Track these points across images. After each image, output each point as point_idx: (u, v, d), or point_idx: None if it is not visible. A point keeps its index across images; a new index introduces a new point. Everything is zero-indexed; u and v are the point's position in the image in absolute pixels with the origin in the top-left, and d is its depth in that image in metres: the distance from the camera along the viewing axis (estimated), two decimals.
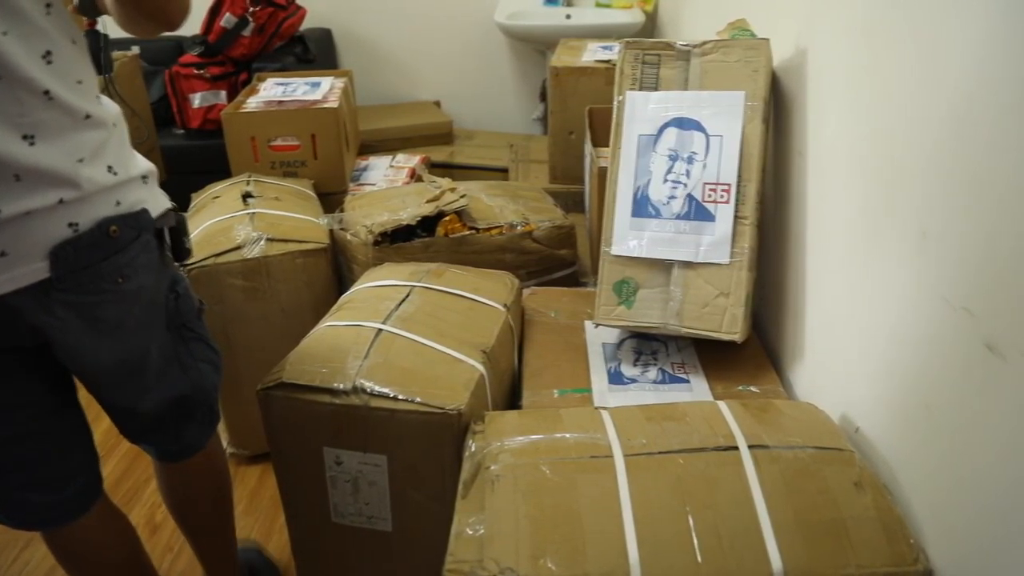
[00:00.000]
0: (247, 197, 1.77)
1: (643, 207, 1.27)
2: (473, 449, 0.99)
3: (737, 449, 0.94)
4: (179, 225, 1.02)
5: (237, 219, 1.65)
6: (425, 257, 1.65)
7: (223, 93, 2.66)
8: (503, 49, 3.09)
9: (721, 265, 1.22)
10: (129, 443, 1.14)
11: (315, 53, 2.81)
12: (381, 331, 1.18)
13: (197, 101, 2.65)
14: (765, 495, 0.88)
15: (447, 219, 1.68)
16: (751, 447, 0.94)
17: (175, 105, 2.69)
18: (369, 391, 1.06)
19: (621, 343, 1.34)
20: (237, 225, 1.63)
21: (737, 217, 1.22)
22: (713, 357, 1.28)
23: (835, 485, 0.89)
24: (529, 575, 0.81)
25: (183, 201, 1.29)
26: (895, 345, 0.92)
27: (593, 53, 2.28)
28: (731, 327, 1.21)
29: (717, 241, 1.22)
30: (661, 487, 0.89)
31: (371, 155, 2.54)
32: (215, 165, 2.20)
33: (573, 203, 2.14)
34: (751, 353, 1.29)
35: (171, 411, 1.08)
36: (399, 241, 1.66)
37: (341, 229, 1.73)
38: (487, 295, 1.34)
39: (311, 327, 1.26)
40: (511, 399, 1.29)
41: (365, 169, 2.42)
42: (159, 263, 0.99)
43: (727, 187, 1.23)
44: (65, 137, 0.84)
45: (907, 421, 0.90)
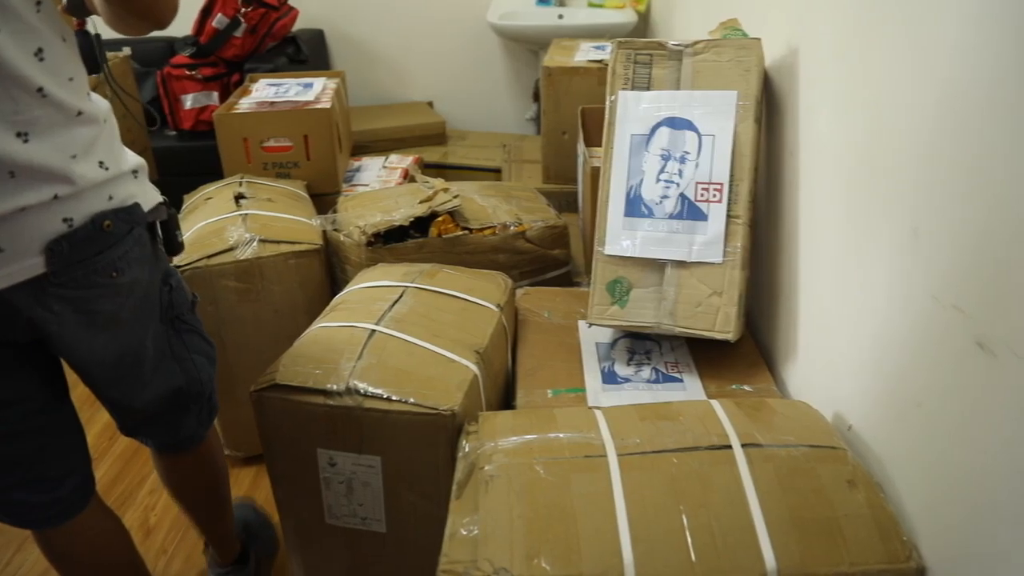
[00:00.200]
0: (240, 198, 1.77)
1: (636, 207, 1.27)
2: (467, 449, 0.99)
3: (731, 448, 0.94)
4: (170, 219, 1.04)
5: (230, 220, 1.65)
6: (418, 258, 1.65)
7: (215, 94, 2.65)
8: (496, 49, 3.09)
9: (714, 264, 1.22)
10: (122, 446, 1.15)
11: (307, 54, 2.80)
12: (374, 332, 1.17)
13: (189, 102, 2.64)
14: (759, 493, 0.88)
15: (440, 220, 1.68)
16: (744, 446, 0.94)
17: (167, 106, 2.68)
18: (363, 392, 1.06)
19: (615, 343, 1.35)
20: (230, 226, 1.62)
21: (730, 216, 1.22)
22: (707, 356, 1.29)
23: (828, 483, 0.89)
24: (523, 575, 0.81)
25: (175, 203, 1.29)
26: (887, 343, 0.92)
27: (586, 53, 2.28)
28: (724, 326, 1.22)
29: (710, 240, 1.23)
30: (655, 486, 0.89)
31: (364, 156, 2.54)
32: (207, 166, 2.20)
33: (566, 203, 2.14)
34: (744, 352, 1.30)
35: (168, 404, 1.10)
36: (392, 242, 1.65)
37: (334, 230, 1.73)
38: (480, 295, 1.34)
39: (304, 328, 1.26)
40: (505, 399, 1.29)
41: (358, 170, 2.41)
42: (152, 256, 1.00)
43: (719, 186, 1.23)
44: (58, 134, 0.84)
45: (899, 419, 0.90)
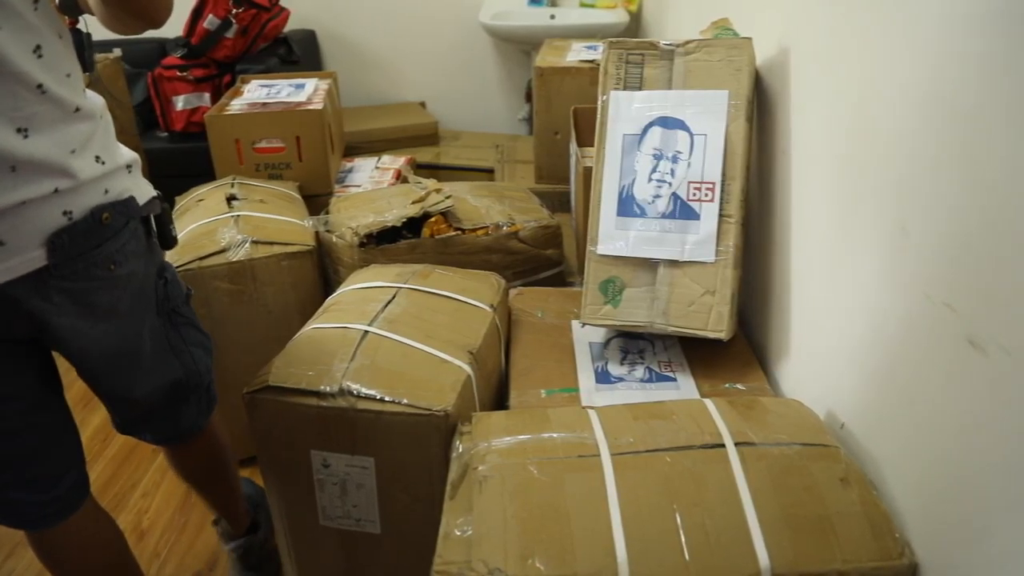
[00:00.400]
0: (232, 200, 1.76)
1: (628, 206, 1.27)
2: (460, 450, 0.99)
3: (724, 447, 0.94)
4: (164, 213, 1.06)
5: (222, 222, 1.65)
6: (411, 258, 1.64)
7: (206, 95, 2.65)
8: (488, 50, 3.09)
9: (706, 263, 1.23)
10: (115, 449, 1.15)
11: (299, 54, 2.80)
12: (367, 333, 1.17)
13: (180, 103, 2.63)
14: (752, 492, 0.88)
15: (433, 220, 1.68)
16: (738, 444, 0.94)
17: (158, 107, 2.67)
18: (356, 393, 1.06)
19: (608, 342, 1.35)
20: (222, 228, 1.62)
21: (722, 215, 1.23)
22: (700, 355, 1.29)
23: (821, 481, 0.90)
24: (518, 575, 0.81)
25: (167, 203, 1.29)
26: (879, 341, 0.93)
27: (577, 53, 2.28)
28: (717, 325, 1.22)
29: (702, 239, 1.23)
30: (649, 485, 0.90)
31: (356, 157, 2.54)
32: (199, 168, 2.19)
33: (559, 203, 2.14)
34: (737, 351, 1.30)
35: (167, 396, 1.11)
36: (385, 243, 1.65)
37: (327, 231, 1.72)
38: (473, 296, 1.34)
39: (297, 330, 1.26)
40: (498, 399, 1.29)
41: (350, 171, 2.41)
42: (147, 250, 1.02)
43: (711, 186, 1.23)
44: (57, 129, 0.86)
45: (892, 417, 0.90)
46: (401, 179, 2.33)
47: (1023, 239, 0.66)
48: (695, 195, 1.24)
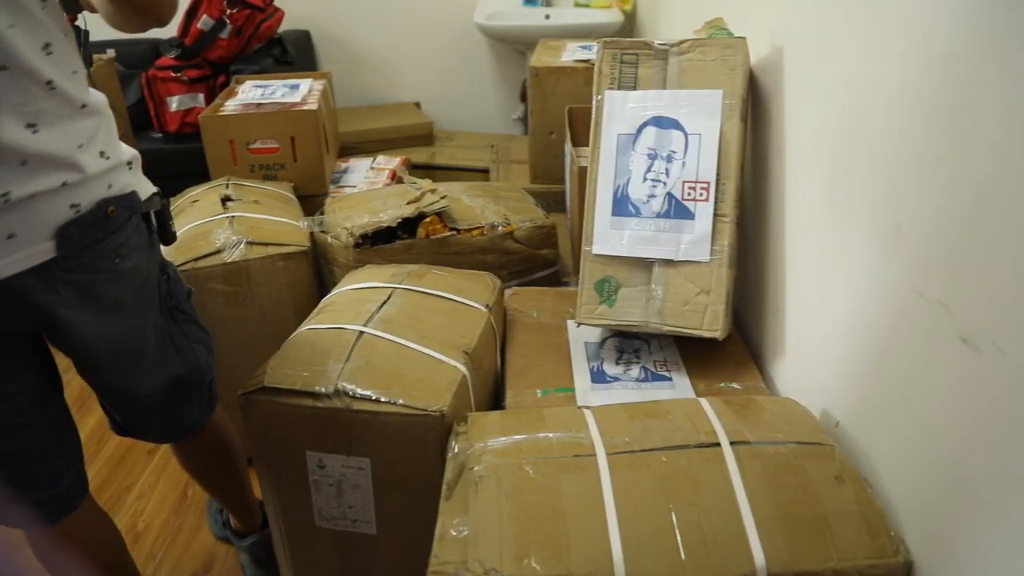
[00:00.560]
0: (226, 201, 1.76)
1: (623, 206, 1.27)
2: (456, 450, 0.99)
3: (719, 446, 0.94)
4: (164, 209, 1.08)
5: (216, 223, 1.64)
6: (406, 259, 1.64)
7: (201, 96, 2.64)
8: (483, 50, 3.09)
9: (701, 263, 1.23)
10: (110, 450, 1.15)
11: (294, 55, 2.79)
12: (363, 333, 1.17)
13: (175, 104, 2.63)
14: (747, 491, 0.88)
15: (428, 220, 1.68)
16: (733, 443, 0.94)
17: (152, 108, 2.66)
18: (351, 394, 1.06)
19: (603, 342, 1.35)
20: (216, 229, 1.61)
21: (716, 215, 1.23)
22: (695, 354, 1.29)
23: (816, 479, 0.90)
24: (514, 575, 0.81)
25: None
26: (873, 339, 0.93)
27: (572, 53, 2.28)
28: (712, 324, 1.22)
29: (697, 239, 1.23)
30: (644, 485, 0.90)
31: (351, 157, 2.53)
32: (193, 169, 2.18)
33: (554, 203, 2.14)
34: (733, 350, 1.30)
35: (169, 393, 1.12)
36: (380, 243, 1.65)
37: (322, 232, 1.72)
38: (469, 296, 1.34)
39: (292, 330, 1.25)
40: (494, 399, 1.29)
41: (345, 171, 2.41)
42: (149, 246, 1.04)
43: (706, 185, 1.23)
44: (65, 124, 0.88)
45: (886, 414, 0.90)
46: (396, 179, 2.33)
47: (1015, 237, 0.66)
48: (690, 194, 1.24)
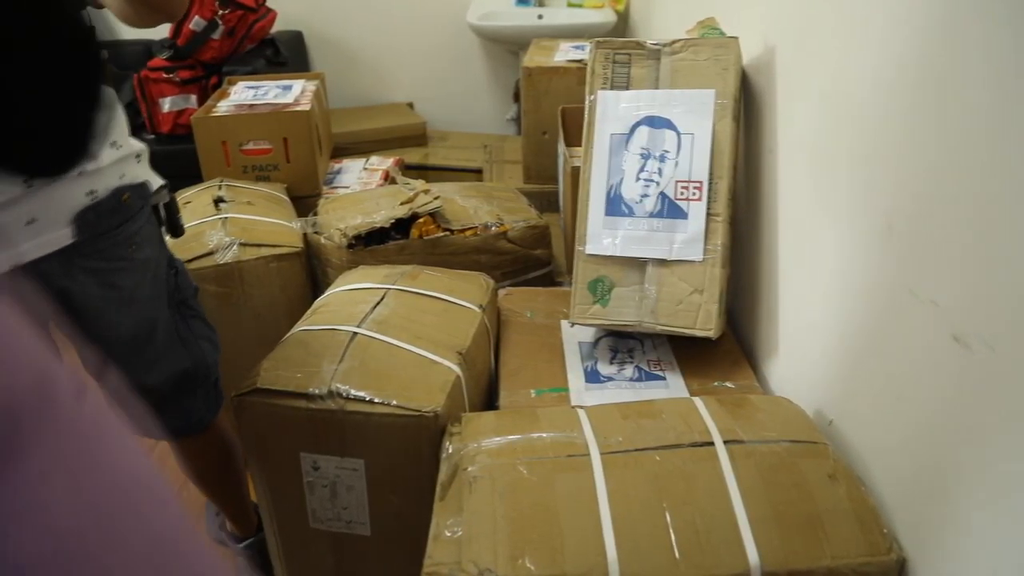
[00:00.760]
0: (219, 202, 1.75)
1: (616, 206, 1.27)
2: (450, 451, 0.99)
3: (713, 445, 0.94)
4: (172, 202, 1.11)
5: (209, 224, 1.64)
6: (400, 259, 1.64)
7: (193, 97, 2.63)
8: (476, 50, 3.09)
9: (694, 262, 1.23)
10: None
11: (286, 56, 2.78)
12: (356, 334, 1.17)
13: (167, 105, 2.62)
14: (741, 489, 0.88)
15: (421, 221, 1.68)
16: (727, 442, 0.94)
17: (144, 110, 2.65)
18: (345, 395, 1.05)
19: (597, 342, 1.35)
20: (209, 230, 1.61)
21: (709, 214, 1.23)
22: (689, 354, 1.29)
23: (810, 478, 0.90)
24: (508, 575, 0.81)
25: None
26: (866, 338, 0.93)
27: (565, 53, 2.28)
28: (705, 323, 1.22)
29: (690, 238, 1.23)
30: (638, 484, 0.90)
31: (344, 158, 2.53)
32: (186, 170, 2.17)
33: (547, 203, 2.14)
34: (726, 349, 1.30)
35: (175, 386, 1.14)
36: (373, 244, 1.65)
37: (315, 233, 1.72)
38: (462, 296, 1.34)
39: (286, 332, 1.25)
40: (488, 400, 1.28)
41: (338, 172, 2.40)
42: (158, 237, 1.07)
43: (699, 185, 1.23)
44: None
45: (879, 412, 0.91)
46: (389, 180, 2.32)
47: (1005, 235, 0.67)
48: (683, 194, 1.24)
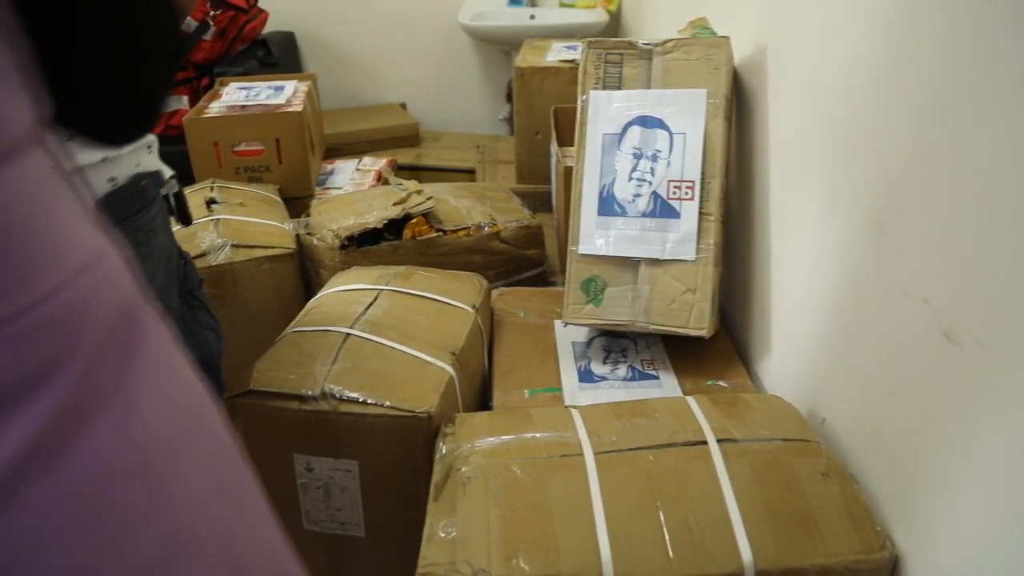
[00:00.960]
0: (211, 203, 1.75)
1: (609, 205, 1.28)
2: (444, 451, 0.99)
3: (706, 443, 0.94)
4: (181, 192, 1.12)
5: (201, 226, 1.63)
6: (393, 260, 1.64)
7: (185, 98, 2.62)
8: (468, 50, 3.09)
9: (687, 261, 1.23)
10: None
11: (278, 56, 2.77)
12: (349, 335, 1.17)
13: None
14: (734, 488, 0.88)
15: (414, 221, 1.68)
16: (720, 441, 0.95)
17: None
18: (338, 396, 1.05)
19: (590, 341, 1.35)
20: (201, 232, 1.60)
21: (702, 214, 1.23)
22: (682, 353, 1.29)
23: (803, 476, 0.90)
24: (502, 575, 0.81)
25: None
26: (858, 336, 0.94)
27: (557, 53, 2.28)
28: (698, 323, 1.22)
29: (683, 238, 1.23)
30: (631, 483, 0.90)
31: (337, 159, 2.52)
32: (178, 171, 2.15)
33: (540, 203, 2.14)
34: (719, 348, 1.30)
35: None
36: (366, 245, 1.65)
37: (307, 234, 1.71)
38: (455, 297, 1.34)
39: (279, 333, 1.25)
40: (482, 400, 1.28)
41: (331, 173, 2.40)
42: (169, 227, 1.08)
43: (691, 184, 1.24)
44: None
45: (871, 410, 0.91)
46: (382, 181, 2.32)
47: (996, 233, 0.67)
48: (675, 193, 1.24)
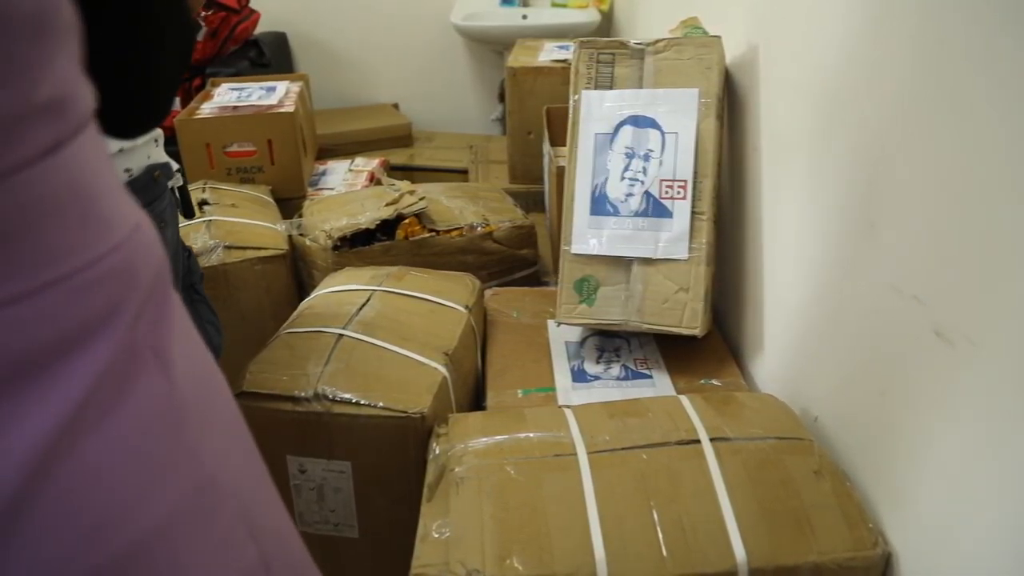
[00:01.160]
0: (203, 204, 1.75)
1: (601, 205, 1.28)
2: (437, 452, 0.98)
3: (699, 442, 0.95)
4: (185, 185, 1.13)
5: (193, 227, 1.63)
6: (385, 261, 1.64)
7: (176, 99, 2.61)
8: (460, 50, 3.09)
9: (680, 261, 1.23)
10: None
11: (270, 57, 2.77)
12: (342, 336, 1.17)
13: None
14: (727, 487, 0.89)
15: (407, 222, 1.68)
16: (713, 440, 0.95)
17: None
18: (331, 397, 1.05)
19: (584, 341, 1.35)
20: (193, 233, 1.60)
21: (694, 213, 1.23)
22: (675, 352, 1.30)
23: (796, 474, 0.90)
24: None
25: None
26: (850, 334, 0.94)
27: (550, 53, 2.28)
28: (691, 322, 1.22)
29: (675, 237, 1.23)
30: (625, 483, 0.90)
31: (329, 159, 2.52)
32: None
33: (533, 203, 2.14)
34: (712, 347, 1.31)
35: None
36: (359, 245, 1.64)
37: (300, 235, 1.71)
38: (448, 297, 1.34)
39: (271, 334, 1.25)
40: (475, 400, 1.28)
41: (323, 173, 2.39)
42: (177, 219, 1.09)
43: (683, 183, 1.24)
44: None
45: (863, 408, 0.91)
46: (375, 181, 2.32)
47: (986, 231, 0.67)
48: (667, 193, 1.24)
